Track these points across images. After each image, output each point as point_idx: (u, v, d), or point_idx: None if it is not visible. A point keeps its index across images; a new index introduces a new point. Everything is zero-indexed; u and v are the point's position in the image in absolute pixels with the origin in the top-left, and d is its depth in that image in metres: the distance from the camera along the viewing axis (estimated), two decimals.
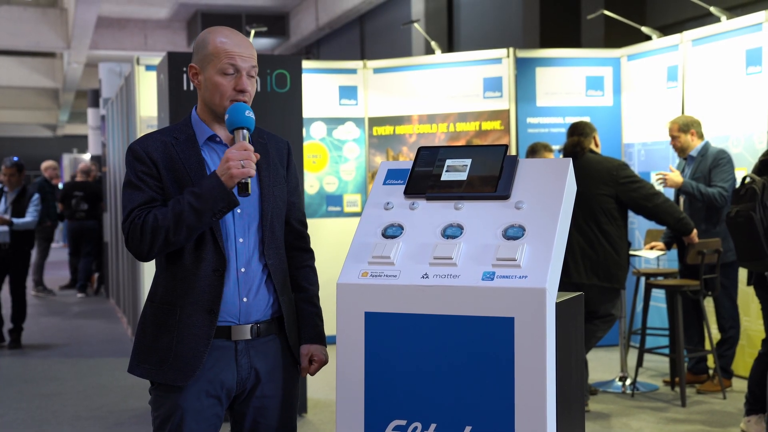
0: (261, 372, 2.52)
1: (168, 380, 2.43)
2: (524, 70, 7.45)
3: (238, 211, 2.49)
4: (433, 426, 2.24)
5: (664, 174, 5.73)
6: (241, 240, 2.49)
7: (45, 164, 12.30)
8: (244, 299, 2.48)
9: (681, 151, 5.94)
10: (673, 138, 5.93)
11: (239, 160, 2.36)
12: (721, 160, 5.75)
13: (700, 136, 5.91)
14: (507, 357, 2.17)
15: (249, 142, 2.43)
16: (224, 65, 2.46)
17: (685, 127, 5.88)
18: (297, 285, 2.66)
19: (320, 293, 2.71)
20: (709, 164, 5.77)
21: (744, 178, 4.55)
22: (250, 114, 2.45)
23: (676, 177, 5.71)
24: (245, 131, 2.44)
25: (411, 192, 2.47)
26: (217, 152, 2.53)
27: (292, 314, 2.60)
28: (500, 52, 7.50)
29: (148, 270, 7.23)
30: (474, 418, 2.20)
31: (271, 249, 2.54)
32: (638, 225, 7.11)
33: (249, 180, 2.38)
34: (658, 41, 7.08)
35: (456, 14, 11.85)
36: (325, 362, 2.62)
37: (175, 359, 2.42)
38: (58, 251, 17.55)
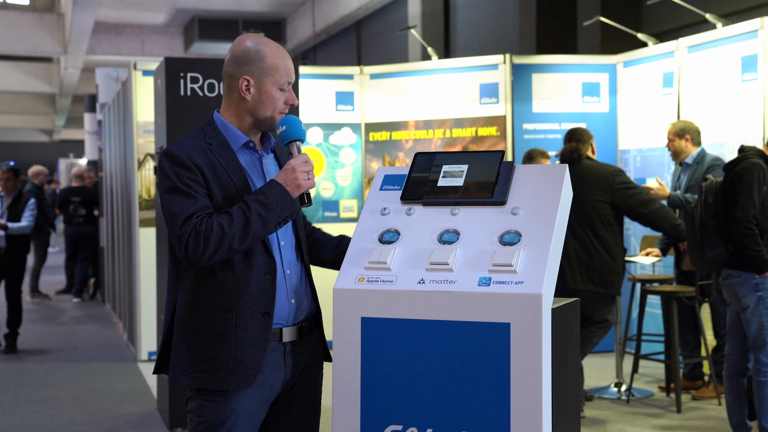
0: (301, 370, 2.58)
1: (229, 387, 2.42)
2: (520, 76, 7.46)
3: None
4: (429, 431, 2.24)
5: (650, 187, 5.74)
6: (282, 243, 2.54)
7: (33, 170, 11.52)
8: (292, 301, 2.53)
9: (674, 155, 5.97)
10: (669, 141, 5.96)
11: (305, 171, 2.44)
12: (716, 167, 5.77)
13: (696, 144, 5.92)
14: (503, 362, 2.17)
15: (299, 152, 2.52)
16: (284, 81, 2.52)
17: (680, 132, 5.91)
18: (322, 240, 2.76)
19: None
20: (703, 171, 5.79)
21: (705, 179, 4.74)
22: (303, 127, 2.55)
23: (663, 191, 5.74)
24: (299, 143, 2.52)
25: (408, 197, 2.47)
26: (251, 158, 2.56)
27: (320, 309, 2.68)
28: (497, 58, 7.51)
29: (144, 275, 7.22)
30: (470, 423, 2.20)
31: (304, 249, 2.61)
32: (634, 231, 7.11)
33: (310, 191, 2.48)
34: (654, 48, 7.09)
35: (452, 20, 11.87)
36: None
37: (236, 365, 2.42)
38: (53, 256, 17.52)
